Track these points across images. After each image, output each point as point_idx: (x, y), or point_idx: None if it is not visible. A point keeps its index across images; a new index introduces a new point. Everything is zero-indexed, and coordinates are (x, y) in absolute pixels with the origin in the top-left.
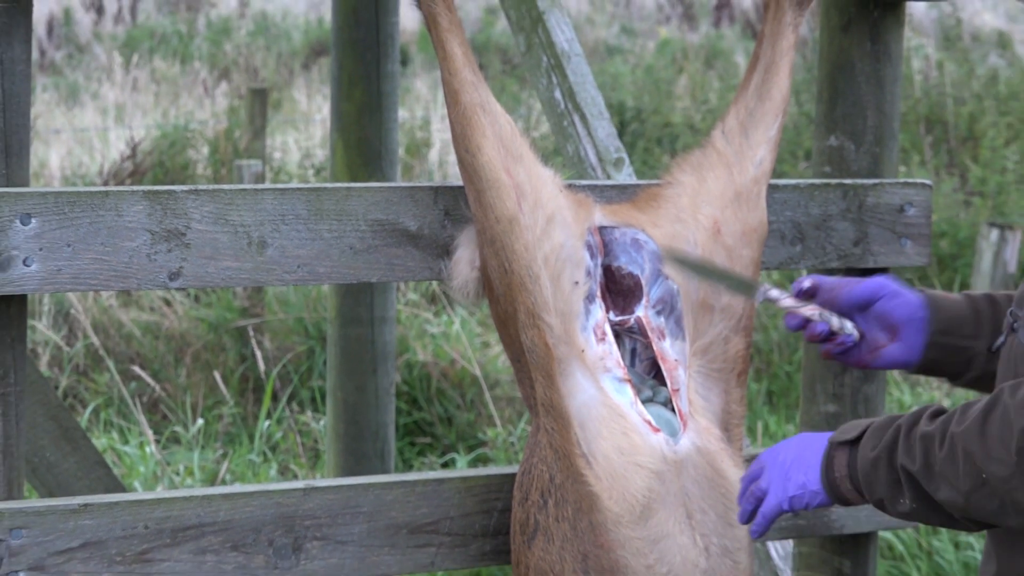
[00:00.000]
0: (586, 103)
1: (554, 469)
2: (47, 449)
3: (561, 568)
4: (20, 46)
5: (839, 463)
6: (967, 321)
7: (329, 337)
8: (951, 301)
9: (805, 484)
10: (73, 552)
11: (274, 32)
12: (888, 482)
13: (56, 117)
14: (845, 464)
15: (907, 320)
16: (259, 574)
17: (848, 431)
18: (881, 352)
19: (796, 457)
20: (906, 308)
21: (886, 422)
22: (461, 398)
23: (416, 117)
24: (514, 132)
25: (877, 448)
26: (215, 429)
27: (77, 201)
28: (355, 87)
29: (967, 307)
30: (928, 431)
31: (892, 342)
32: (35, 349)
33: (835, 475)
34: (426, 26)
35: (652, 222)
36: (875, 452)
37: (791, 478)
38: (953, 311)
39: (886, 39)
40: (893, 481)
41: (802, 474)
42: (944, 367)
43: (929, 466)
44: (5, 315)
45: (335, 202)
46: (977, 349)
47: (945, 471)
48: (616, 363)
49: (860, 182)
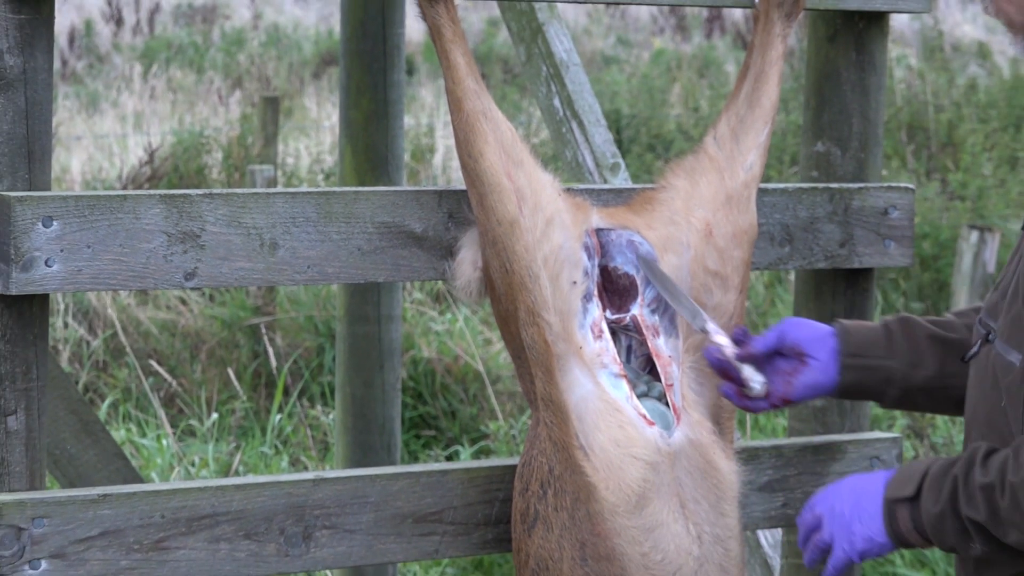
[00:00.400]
0: (584, 111)
1: (553, 461)
2: (68, 442)
3: (560, 555)
4: (42, 56)
5: (903, 517)
6: (878, 342)
7: (338, 334)
8: (862, 325)
9: (872, 538)
10: (92, 540)
11: (285, 43)
12: (956, 531)
13: (77, 124)
14: (909, 518)
15: (817, 344)
16: (271, 561)
17: (904, 486)
18: (796, 377)
19: (854, 508)
20: (814, 332)
21: (940, 472)
22: (464, 393)
23: (421, 124)
24: (515, 138)
25: (940, 503)
26: (229, 422)
27: (97, 204)
28: (363, 95)
29: (879, 330)
30: (987, 482)
31: (805, 367)
32: (56, 346)
33: (901, 528)
34: (431, 37)
35: (647, 224)
36: (939, 507)
37: (855, 532)
38: (863, 334)
39: (871, 49)
40: (961, 530)
41: (866, 527)
42: (864, 390)
43: (994, 514)
44: (28, 313)
45: (343, 205)
46: (892, 368)
47: (1011, 518)
48: (612, 359)
49: (846, 186)
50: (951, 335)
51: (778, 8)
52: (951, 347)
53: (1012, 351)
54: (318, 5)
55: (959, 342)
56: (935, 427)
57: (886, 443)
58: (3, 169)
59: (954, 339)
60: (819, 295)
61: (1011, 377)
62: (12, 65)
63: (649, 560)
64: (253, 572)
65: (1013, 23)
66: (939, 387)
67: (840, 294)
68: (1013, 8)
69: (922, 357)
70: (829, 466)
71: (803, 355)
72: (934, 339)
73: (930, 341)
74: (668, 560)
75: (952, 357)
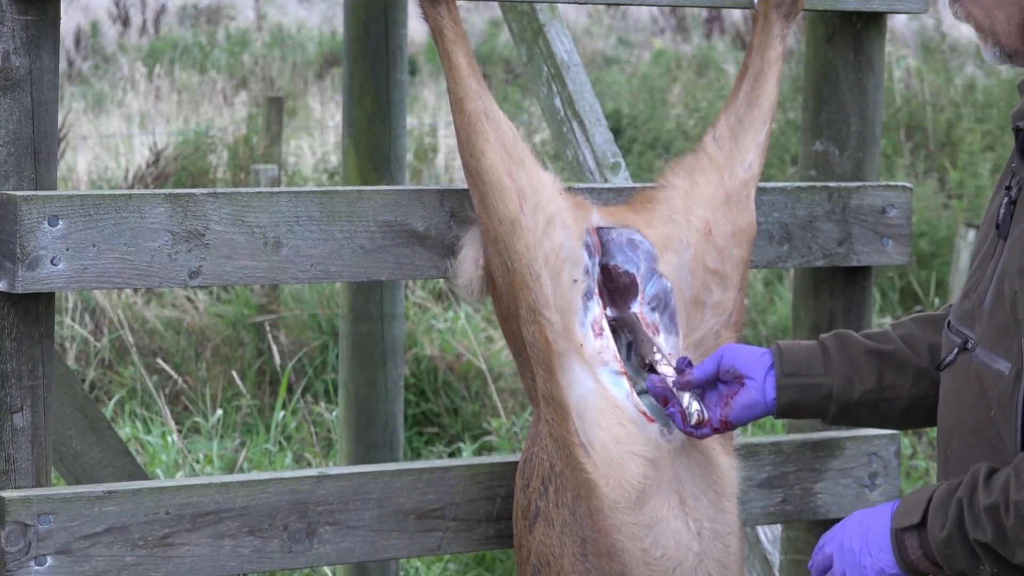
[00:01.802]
0: (584, 110)
1: (554, 457)
2: (73, 439)
3: (561, 552)
4: (48, 57)
5: (911, 546)
6: (815, 360)
7: (341, 332)
8: (797, 345)
9: (884, 570)
10: (97, 537)
11: (289, 44)
12: (965, 554)
13: (83, 124)
14: (918, 546)
15: (753, 365)
16: (274, 558)
17: (910, 514)
18: (734, 399)
19: (863, 543)
20: (750, 355)
21: (944, 497)
22: (467, 390)
23: (424, 124)
24: (516, 138)
25: (946, 528)
26: (233, 420)
27: (102, 204)
28: (366, 96)
29: (815, 348)
30: (991, 503)
31: (743, 388)
32: (63, 344)
33: (911, 557)
34: (433, 38)
35: (647, 223)
36: (946, 532)
37: (867, 566)
38: (799, 354)
39: (869, 50)
40: (970, 553)
41: (877, 560)
42: (803, 408)
43: (1001, 534)
44: (34, 312)
45: (347, 204)
46: (829, 385)
47: (1018, 537)
48: (613, 357)
49: (844, 185)
50: (886, 347)
51: (776, 9)
52: (888, 359)
53: (999, 359)
54: (322, 6)
55: (895, 354)
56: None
57: (884, 440)
58: (9, 169)
59: (890, 351)
60: (817, 293)
61: (1001, 386)
62: (18, 65)
63: (649, 556)
64: (257, 568)
65: (981, 27)
66: (880, 400)
67: (838, 292)
68: (980, 11)
69: (859, 372)
70: (828, 462)
71: (740, 377)
72: (871, 353)
73: (867, 356)
74: (668, 556)
75: (890, 370)
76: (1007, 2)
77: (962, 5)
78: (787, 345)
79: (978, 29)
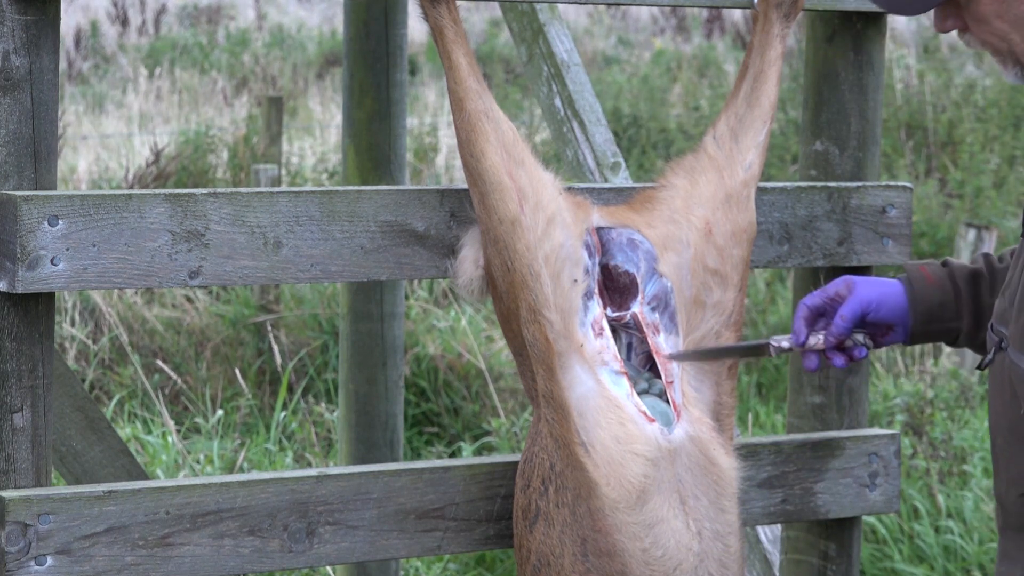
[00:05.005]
0: (584, 110)
1: (555, 457)
2: (74, 439)
3: (561, 551)
4: (48, 57)
5: None
6: (947, 306)
7: (341, 332)
8: (929, 280)
9: None
10: (98, 536)
11: (289, 44)
12: None
13: (83, 124)
14: None
15: (896, 312)
16: (274, 557)
17: None
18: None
19: None
20: (891, 314)
21: None
22: (467, 390)
23: (424, 124)
24: (516, 138)
25: None
26: (233, 420)
27: (102, 203)
28: (366, 95)
29: (948, 289)
30: None
31: (891, 331)
32: (63, 344)
33: None
34: (433, 38)
35: (647, 223)
36: None
37: None
38: (933, 296)
39: (869, 49)
40: None
41: None
42: (935, 340)
43: None
44: (34, 311)
45: (347, 204)
46: (960, 329)
47: None
48: (613, 357)
49: (844, 185)
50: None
51: (777, 8)
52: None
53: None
54: (322, 6)
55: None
56: (933, 424)
57: (884, 439)
58: (9, 169)
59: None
60: None
61: None
62: (18, 65)
63: (649, 556)
64: (257, 568)
65: (999, 51)
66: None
67: None
68: (995, 38)
69: (987, 314)
70: (828, 462)
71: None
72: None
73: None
74: (668, 556)
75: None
76: (1021, 24)
77: (975, 35)
78: (920, 284)
79: (996, 54)
